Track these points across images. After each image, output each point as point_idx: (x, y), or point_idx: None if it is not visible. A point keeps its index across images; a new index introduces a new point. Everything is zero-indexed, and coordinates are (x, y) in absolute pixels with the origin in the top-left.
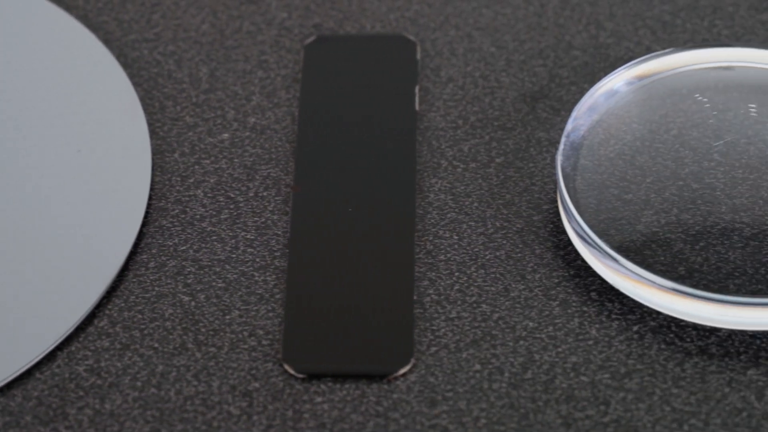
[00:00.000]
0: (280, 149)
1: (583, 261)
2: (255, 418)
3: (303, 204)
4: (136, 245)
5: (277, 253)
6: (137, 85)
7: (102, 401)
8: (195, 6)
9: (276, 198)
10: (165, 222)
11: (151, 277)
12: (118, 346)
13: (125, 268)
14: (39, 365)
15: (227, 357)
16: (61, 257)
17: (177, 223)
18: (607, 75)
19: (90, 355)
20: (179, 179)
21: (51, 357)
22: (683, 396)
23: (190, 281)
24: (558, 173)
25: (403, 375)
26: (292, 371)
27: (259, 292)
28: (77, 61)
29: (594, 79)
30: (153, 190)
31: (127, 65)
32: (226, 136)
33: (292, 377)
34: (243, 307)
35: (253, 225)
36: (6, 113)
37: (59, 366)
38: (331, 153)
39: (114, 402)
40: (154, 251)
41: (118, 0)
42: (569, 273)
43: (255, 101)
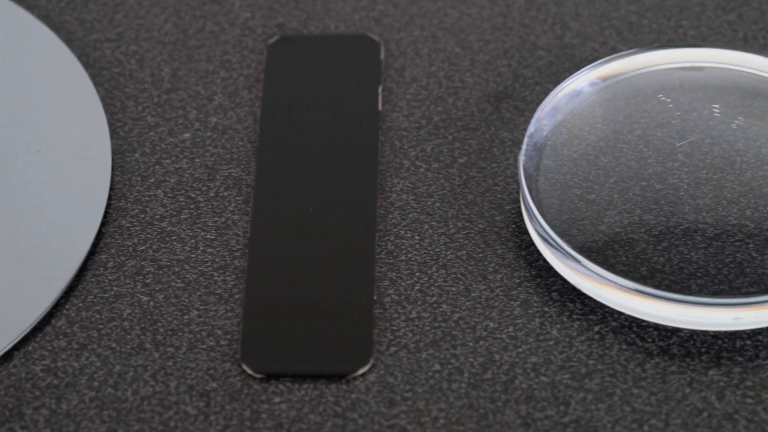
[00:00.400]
0: (241, 149)
1: (545, 261)
2: (212, 418)
3: (264, 204)
4: (95, 245)
5: (237, 253)
6: (99, 85)
7: (58, 401)
8: (158, 6)
9: (237, 198)
10: (124, 222)
11: (110, 277)
12: (75, 346)
13: (84, 267)
14: None
15: (185, 357)
16: (19, 257)
17: (137, 223)
18: (571, 75)
19: (47, 355)
20: (140, 179)
21: (7, 357)
22: (644, 396)
23: (148, 281)
24: (520, 173)
25: (362, 375)
26: (250, 371)
27: (219, 292)
28: (38, 61)
29: (559, 80)
30: (113, 190)
31: (89, 65)
32: (187, 136)
33: (250, 377)
34: (202, 307)
35: (213, 225)
36: None
37: (15, 366)
38: (293, 153)
39: (70, 402)
40: (113, 251)
41: (80, 0)
42: (531, 273)
43: (217, 101)
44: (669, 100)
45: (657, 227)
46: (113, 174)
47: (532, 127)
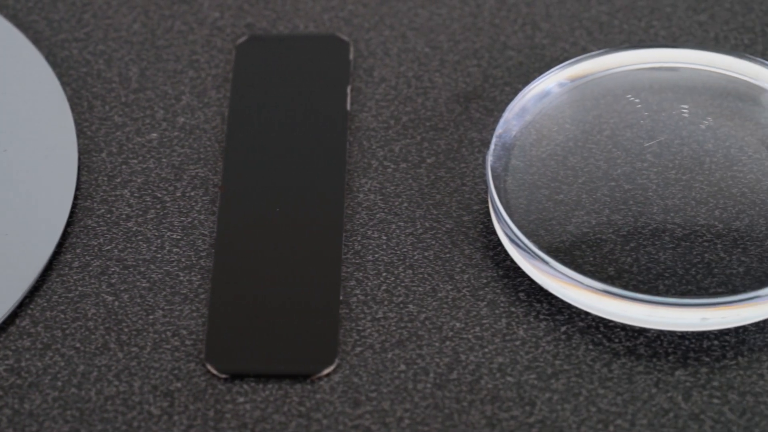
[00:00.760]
0: (209, 149)
1: (513, 262)
2: (176, 418)
3: (230, 204)
4: (60, 245)
5: (203, 253)
6: (66, 85)
7: (21, 401)
8: (127, 5)
9: (203, 198)
10: (90, 222)
11: (75, 277)
12: (39, 345)
13: (49, 267)
14: None
15: (149, 357)
16: None
17: (102, 223)
18: (540, 76)
19: (10, 355)
20: (106, 179)
21: None
22: (610, 396)
23: (114, 281)
24: (488, 174)
25: (327, 375)
26: (214, 371)
27: (184, 291)
28: (5, 60)
29: (528, 80)
30: (79, 189)
31: (57, 65)
32: (154, 135)
33: (214, 377)
34: (167, 307)
35: (180, 225)
36: None
37: None
38: (261, 153)
39: (33, 402)
40: (78, 251)
41: None
42: (498, 273)
43: (185, 101)
44: (638, 100)
45: (625, 227)
46: (79, 174)
47: (500, 128)
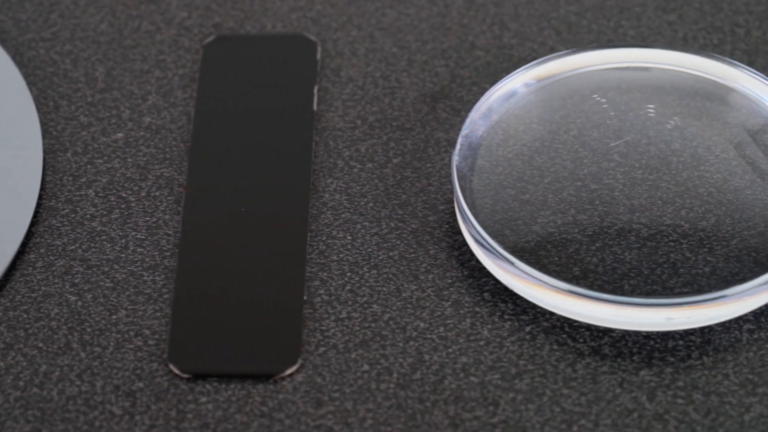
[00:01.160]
0: (174, 149)
1: (478, 262)
2: (137, 418)
3: (195, 203)
4: (24, 244)
5: (167, 253)
6: (32, 85)
7: None
8: (94, 5)
9: (168, 198)
10: (54, 221)
11: (38, 277)
12: (1, 345)
13: (12, 267)
14: None
15: (112, 357)
16: None
17: (67, 223)
18: (507, 76)
19: None
20: (71, 179)
21: None
22: (574, 396)
23: (77, 281)
24: (453, 174)
25: (290, 375)
26: (177, 371)
27: (148, 291)
28: None
29: (496, 80)
30: (43, 189)
31: (23, 64)
32: (120, 135)
33: (177, 377)
34: (130, 307)
35: (144, 225)
36: None
37: None
38: (226, 153)
39: None
40: (42, 251)
41: None
42: (463, 273)
43: (151, 101)
44: (606, 100)
45: (591, 227)
46: (44, 173)
47: (466, 128)
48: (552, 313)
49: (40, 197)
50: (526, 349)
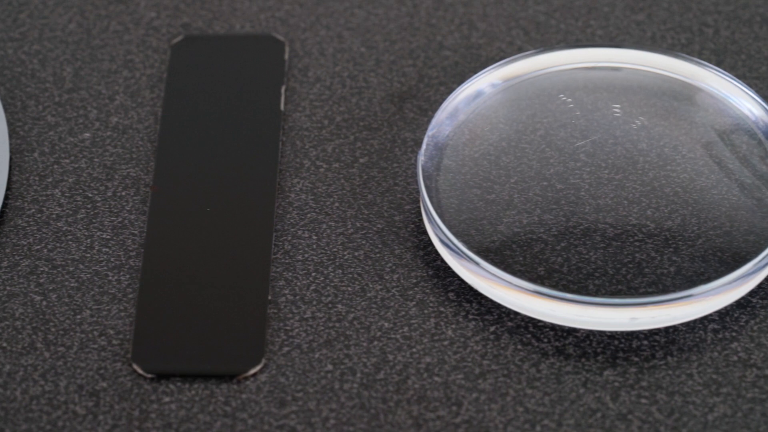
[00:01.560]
0: (141, 149)
1: (443, 261)
2: (100, 417)
3: (161, 203)
4: None
5: (133, 253)
6: (0, 84)
7: None
8: (63, 5)
9: (134, 198)
10: (20, 221)
11: (3, 277)
12: None
13: None
14: None
15: (76, 357)
16: None
17: (33, 223)
18: (473, 76)
19: None
20: (38, 179)
21: None
22: (537, 396)
23: (42, 281)
24: (419, 173)
25: (254, 375)
26: (140, 371)
27: (112, 291)
28: None
29: (464, 80)
30: (10, 189)
31: None
32: (87, 135)
33: (140, 377)
34: (95, 307)
35: (110, 224)
36: None
37: None
38: (193, 153)
39: None
40: (7, 250)
41: None
42: (428, 273)
43: (118, 101)
44: (573, 100)
45: (556, 227)
46: (11, 173)
47: (432, 128)
48: (516, 313)
49: (6, 197)
50: (490, 349)
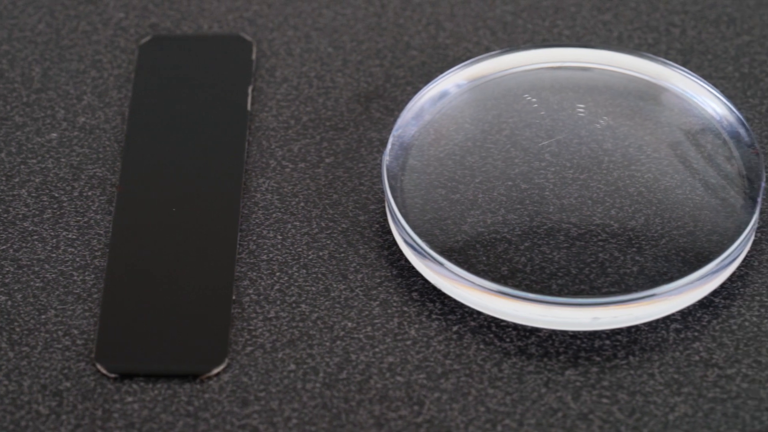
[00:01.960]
0: (108, 149)
1: (407, 261)
2: (63, 417)
3: (127, 204)
4: None
5: (98, 253)
6: None
7: None
8: (32, 6)
9: (101, 198)
10: None
11: None
12: None
13: None
14: None
15: (40, 356)
16: None
17: None
18: (439, 76)
19: None
20: (4, 179)
21: None
22: (499, 396)
23: (7, 281)
24: (383, 173)
25: (217, 375)
26: (104, 371)
27: (77, 291)
28: None
29: (431, 80)
30: None
31: None
32: (54, 135)
33: (104, 377)
34: (60, 307)
35: (76, 224)
36: None
37: None
38: (159, 153)
39: None
40: None
41: None
42: (392, 273)
43: (86, 101)
44: (538, 99)
45: (520, 227)
46: None
47: (398, 128)
48: (479, 313)
49: None
50: (452, 349)
